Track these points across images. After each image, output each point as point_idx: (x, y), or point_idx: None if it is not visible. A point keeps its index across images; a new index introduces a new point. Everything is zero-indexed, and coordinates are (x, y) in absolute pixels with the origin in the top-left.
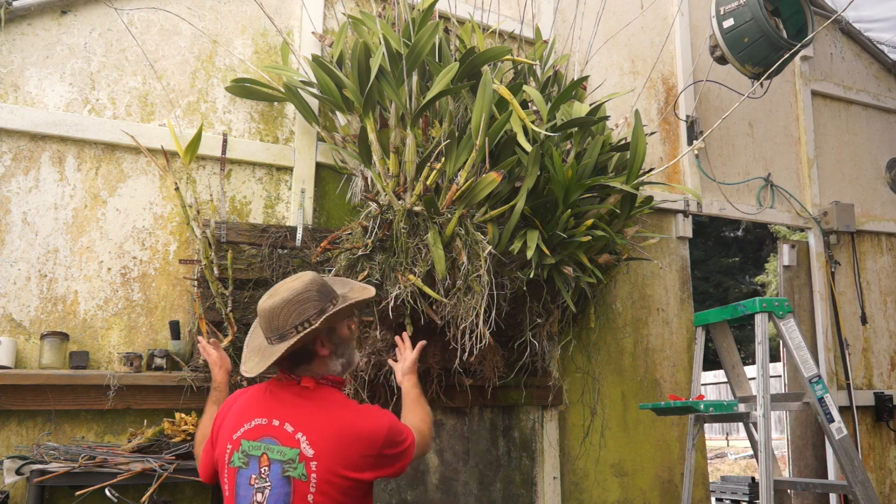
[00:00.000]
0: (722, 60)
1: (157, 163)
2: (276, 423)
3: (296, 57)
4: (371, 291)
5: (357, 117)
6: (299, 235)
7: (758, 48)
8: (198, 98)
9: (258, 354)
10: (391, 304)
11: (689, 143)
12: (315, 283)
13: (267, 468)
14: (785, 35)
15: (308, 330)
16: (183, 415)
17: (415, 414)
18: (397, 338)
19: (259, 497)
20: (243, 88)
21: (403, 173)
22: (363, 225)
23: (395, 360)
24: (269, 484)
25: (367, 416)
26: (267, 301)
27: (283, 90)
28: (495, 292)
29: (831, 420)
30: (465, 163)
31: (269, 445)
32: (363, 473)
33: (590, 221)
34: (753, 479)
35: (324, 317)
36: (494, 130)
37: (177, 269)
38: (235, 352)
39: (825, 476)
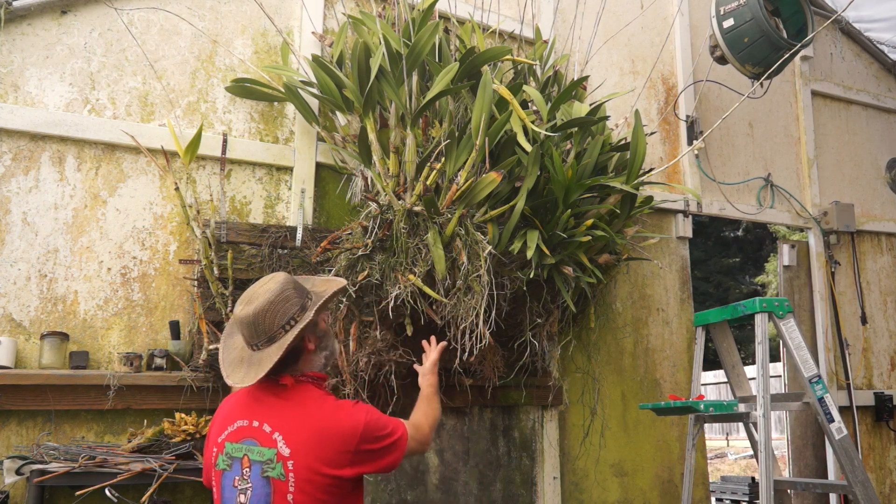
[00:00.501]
0: (722, 60)
1: (157, 163)
2: (255, 423)
3: (296, 57)
4: (342, 281)
5: (357, 117)
6: (299, 235)
7: (758, 48)
8: (198, 98)
9: (244, 365)
10: (391, 304)
11: (689, 143)
12: (290, 281)
13: (248, 469)
14: (785, 35)
15: (304, 324)
16: (183, 415)
17: (419, 409)
18: (424, 342)
19: (242, 498)
20: (243, 88)
21: (403, 173)
22: (363, 225)
23: (421, 364)
24: (250, 485)
25: (342, 412)
26: (246, 307)
27: (283, 90)
28: (495, 292)
29: (831, 420)
30: (465, 163)
31: (250, 447)
32: (342, 470)
33: (590, 221)
34: (753, 479)
35: (315, 307)
36: (494, 130)
37: (177, 269)
38: None
39: (825, 476)
